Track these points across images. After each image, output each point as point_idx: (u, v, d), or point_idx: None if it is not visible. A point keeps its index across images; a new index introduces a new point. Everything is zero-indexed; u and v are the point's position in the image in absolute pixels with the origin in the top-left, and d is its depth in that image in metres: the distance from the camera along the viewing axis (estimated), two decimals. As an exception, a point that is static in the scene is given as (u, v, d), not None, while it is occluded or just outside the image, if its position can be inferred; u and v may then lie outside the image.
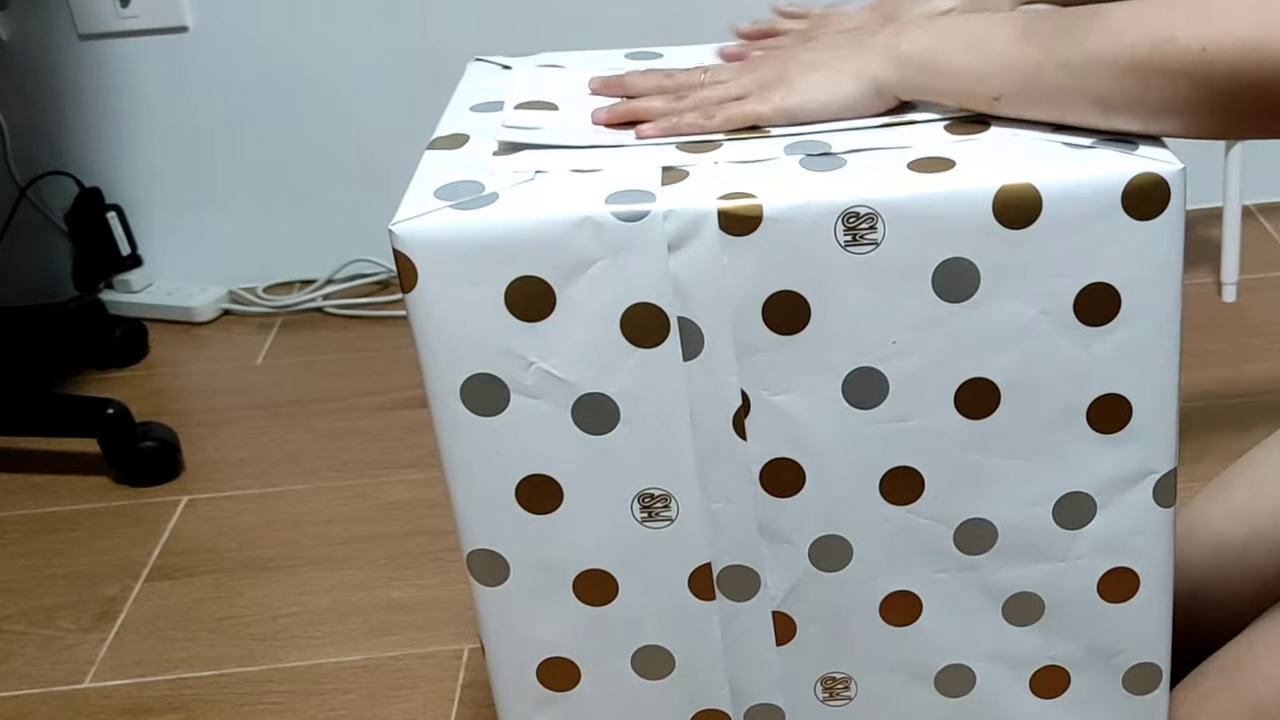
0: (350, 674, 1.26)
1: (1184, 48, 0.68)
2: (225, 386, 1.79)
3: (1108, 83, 0.70)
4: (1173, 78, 0.69)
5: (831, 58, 0.78)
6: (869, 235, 0.70)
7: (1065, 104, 0.73)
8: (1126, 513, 0.78)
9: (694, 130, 0.77)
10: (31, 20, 1.84)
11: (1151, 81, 0.69)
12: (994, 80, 0.74)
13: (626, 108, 0.80)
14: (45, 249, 1.97)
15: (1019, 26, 0.73)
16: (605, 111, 0.80)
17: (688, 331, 0.73)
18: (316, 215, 1.96)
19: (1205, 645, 0.91)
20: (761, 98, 0.78)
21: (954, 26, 0.76)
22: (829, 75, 0.78)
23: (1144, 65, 0.69)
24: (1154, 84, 0.69)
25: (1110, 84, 0.70)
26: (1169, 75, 0.69)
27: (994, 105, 0.75)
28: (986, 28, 0.74)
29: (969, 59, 0.74)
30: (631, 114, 0.79)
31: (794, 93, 0.78)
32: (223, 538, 1.47)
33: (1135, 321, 0.73)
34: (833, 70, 0.78)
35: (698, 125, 0.77)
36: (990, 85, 0.74)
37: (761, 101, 0.78)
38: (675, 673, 0.82)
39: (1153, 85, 0.69)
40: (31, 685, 1.28)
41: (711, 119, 0.78)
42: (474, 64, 0.93)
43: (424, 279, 0.71)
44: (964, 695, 0.84)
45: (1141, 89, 0.70)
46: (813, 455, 0.76)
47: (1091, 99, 0.71)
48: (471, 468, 0.76)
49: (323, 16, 1.84)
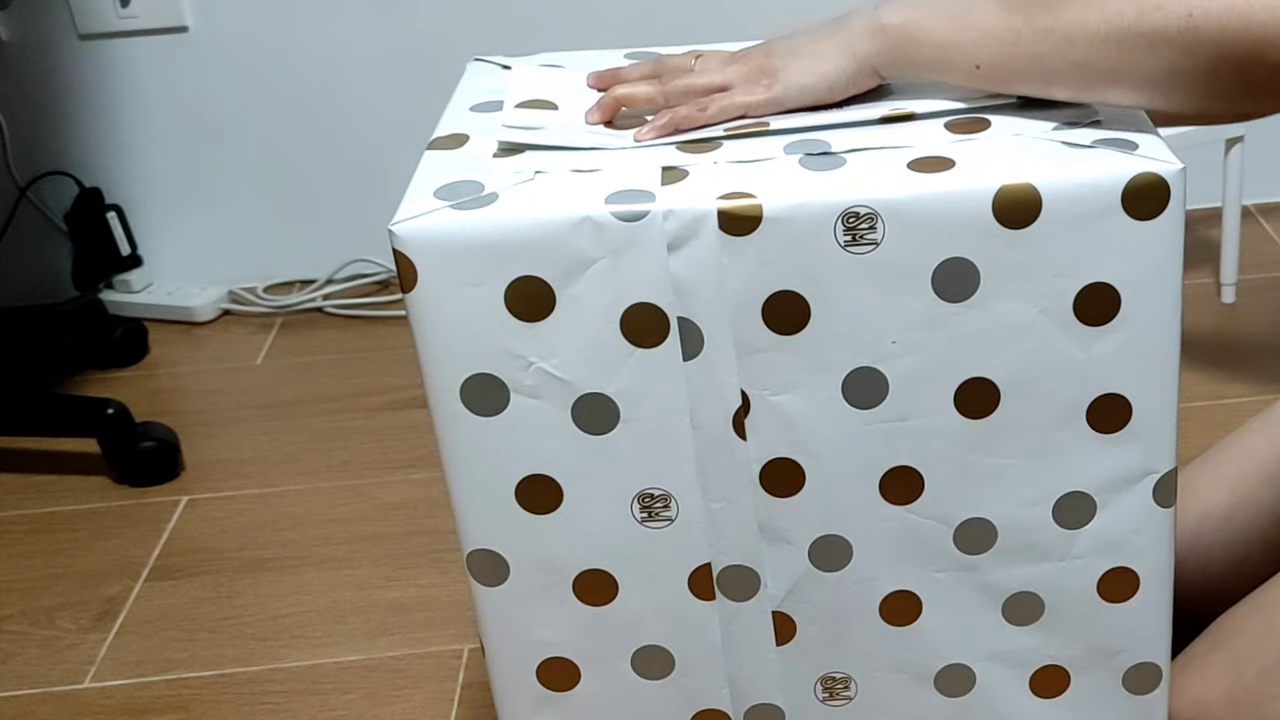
0: (350, 674, 1.26)
1: (1170, 14, 0.68)
2: (225, 386, 1.79)
3: (1090, 50, 0.70)
4: (1157, 45, 0.68)
5: (814, 40, 0.79)
6: (869, 235, 0.70)
7: (1046, 73, 0.72)
8: (1126, 512, 0.78)
9: (689, 124, 0.78)
10: (31, 20, 1.84)
11: (1135, 49, 0.69)
12: (974, 49, 0.74)
13: (613, 95, 0.80)
14: (45, 249, 1.97)
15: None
16: (596, 108, 0.81)
17: (688, 331, 0.73)
18: (316, 215, 1.96)
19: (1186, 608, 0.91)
20: (748, 89, 0.79)
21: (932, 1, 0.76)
22: (812, 57, 0.78)
23: (1128, 32, 0.69)
24: (1138, 52, 0.69)
25: (1092, 52, 0.70)
26: (1153, 42, 0.68)
27: (974, 75, 0.74)
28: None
29: (948, 28, 0.74)
30: (618, 101, 0.80)
31: (779, 80, 0.78)
32: (223, 538, 1.47)
33: (1135, 321, 0.73)
34: (815, 52, 0.78)
35: (692, 119, 0.78)
36: (970, 54, 0.74)
37: (749, 92, 0.79)
38: (675, 673, 0.82)
39: (1136, 53, 0.69)
40: (31, 685, 1.28)
41: (705, 111, 0.78)
42: (474, 64, 0.93)
43: (424, 279, 0.71)
44: (964, 695, 0.84)
45: (1125, 57, 0.69)
46: (813, 455, 0.76)
47: (1073, 67, 0.71)
48: (471, 468, 0.76)
49: (323, 16, 1.83)
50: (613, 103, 0.80)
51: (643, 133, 0.78)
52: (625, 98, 0.80)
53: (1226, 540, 1.00)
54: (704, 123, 0.78)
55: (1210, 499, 1.01)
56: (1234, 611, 0.92)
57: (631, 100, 0.80)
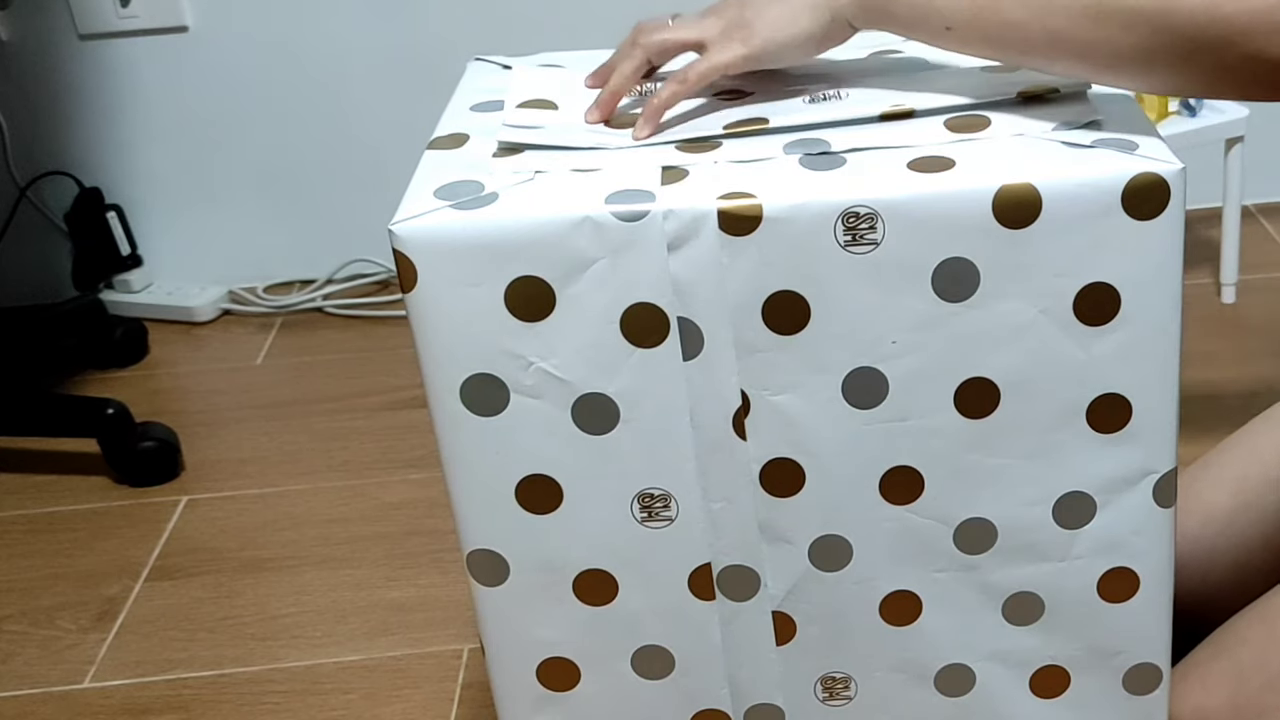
0: (350, 674, 1.26)
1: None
2: (225, 386, 1.79)
3: (1066, 22, 0.70)
4: (1130, 22, 0.68)
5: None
6: (869, 235, 0.70)
7: (1020, 42, 0.72)
8: (1126, 513, 0.78)
9: (674, 99, 0.78)
10: (31, 20, 1.84)
11: (1110, 25, 0.68)
12: (948, 10, 0.73)
13: (608, 90, 0.81)
14: (45, 249, 1.97)
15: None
16: (595, 107, 0.81)
17: (687, 331, 0.73)
18: (316, 215, 1.96)
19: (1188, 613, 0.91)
20: (723, 47, 0.78)
21: None
22: (786, 11, 0.78)
23: (1104, 6, 0.68)
24: (1112, 28, 0.68)
25: (1069, 23, 0.70)
26: (1128, 21, 0.68)
27: (946, 35, 0.74)
28: None
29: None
30: (614, 95, 0.81)
31: (754, 35, 0.78)
32: (223, 538, 1.47)
33: (1135, 321, 0.73)
34: (788, 5, 0.78)
35: (676, 94, 0.78)
36: (944, 14, 0.73)
37: (724, 50, 0.78)
38: (675, 673, 0.82)
39: (1111, 29, 0.69)
40: (31, 685, 1.28)
41: (685, 82, 0.78)
42: (474, 64, 0.93)
43: (424, 279, 0.71)
44: (964, 695, 0.84)
45: (1099, 32, 0.69)
46: (813, 455, 0.76)
47: (1046, 37, 0.70)
48: (471, 468, 0.76)
49: (323, 16, 1.83)
50: (610, 98, 0.81)
51: (637, 128, 0.78)
52: (617, 87, 0.81)
53: (1228, 545, 1.00)
54: (687, 93, 0.78)
55: (1212, 502, 1.01)
56: (1237, 619, 0.91)
57: (621, 86, 0.81)
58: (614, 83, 0.81)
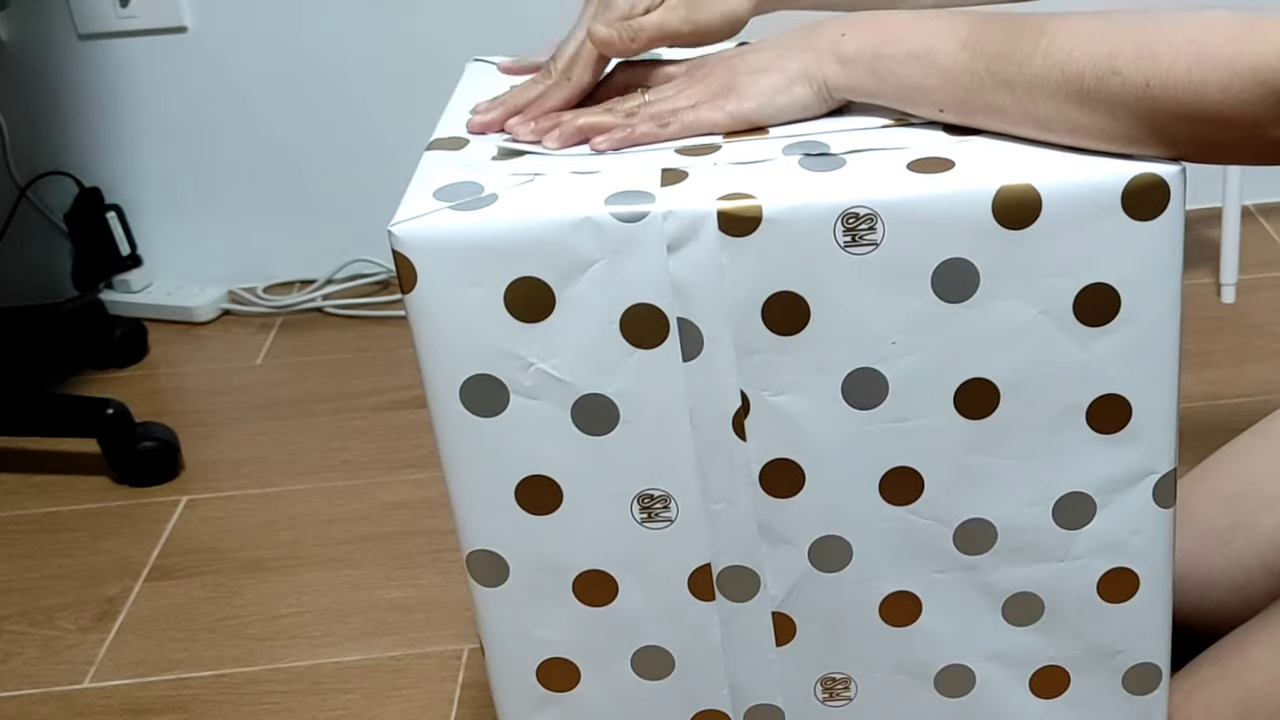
0: (349, 674, 1.26)
1: (1128, 82, 0.67)
2: (225, 386, 1.79)
3: (1050, 107, 0.70)
4: (1115, 110, 0.69)
5: (778, 60, 0.77)
6: (868, 236, 0.70)
7: (1009, 124, 0.72)
8: (1126, 513, 0.78)
9: (648, 140, 0.76)
10: (31, 20, 1.84)
11: (1095, 111, 0.69)
12: (936, 93, 0.74)
13: (575, 124, 0.77)
14: (45, 249, 1.97)
15: (962, 39, 0.72)
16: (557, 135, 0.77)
17: (687, 332, 0.73)
18: (316, 215, 1.96)
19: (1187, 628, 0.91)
20: (714, 106, 0.77)
21: (897, 30, 0.75)
22: (779, 79, 0.77)
23: (1087, 95, 0.69)
24: (1097, 114, 0.69)
25: (1053, 109, 0.70)
26: (1112, 107, 0.69)
27: (940, 115, 0.75)
28: (931, 34, 0.73)
29: (911, 69, 0.74)
30: (582, 131, 0.77)
31: (746, 99, 0.77)
32: (222, 538, 1.47)
33: (1135, 321, 0.73)
34: (782, 74, 0.77)
35: (652, 135, 0.76)
36: (933, 98, 0.74)
37: (715, 110, 0.77)
38: (675, 673, 0.82)
39: (1096, 115, 0.69)
40: (31, 685, 1.28)
41: (666, 128, 0.77)
42: (473, 64, 0.93)
43: (423, 280, 0.71)
44: (964, 695, 0.84)
45: (1084, 117, 0.70)
46: (812, 456, 0.76)
47: (1034, 120, 0.71)
48: (471, 468, 0.76)
49: (323, 16, 1.84)
50: (575, 131, 0.77)
51: (599, 143, 0.76)
52: (591, 127, 0.77)
53: (1226, 564, 0.99)
54: (663, 140, 0.77)
55: (1209, 518, 1.00)
56: (1244, 639, 0.90)
57: (599, 129, 0.77)
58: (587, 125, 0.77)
